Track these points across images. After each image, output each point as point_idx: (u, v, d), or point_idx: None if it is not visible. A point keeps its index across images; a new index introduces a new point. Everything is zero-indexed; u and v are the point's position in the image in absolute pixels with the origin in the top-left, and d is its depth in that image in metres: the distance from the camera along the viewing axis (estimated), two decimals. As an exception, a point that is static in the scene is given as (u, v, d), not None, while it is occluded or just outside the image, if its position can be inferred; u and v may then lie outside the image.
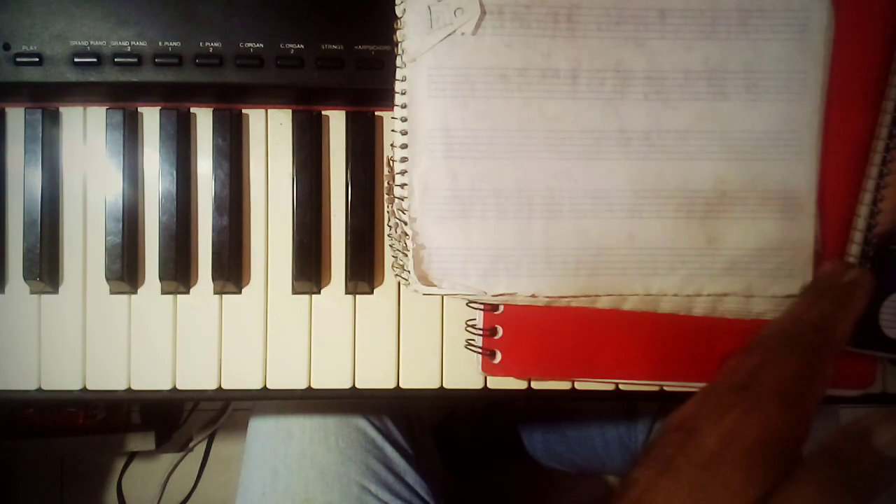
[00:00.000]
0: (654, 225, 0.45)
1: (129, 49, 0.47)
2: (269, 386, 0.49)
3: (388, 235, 0.48)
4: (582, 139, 0.45)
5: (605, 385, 0.49)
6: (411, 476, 0.62)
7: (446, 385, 0.50)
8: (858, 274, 0.40)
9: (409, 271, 0.46)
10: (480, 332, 0.48)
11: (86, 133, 0.50)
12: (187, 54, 0.47)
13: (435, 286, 0.46)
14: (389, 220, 0.47)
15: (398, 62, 0.46)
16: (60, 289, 0.49)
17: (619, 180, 0.45)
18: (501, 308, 0.48)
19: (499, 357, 0.48)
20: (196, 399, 0.87)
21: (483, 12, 0.44)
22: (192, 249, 0.50)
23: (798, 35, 0.45)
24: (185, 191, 0.49)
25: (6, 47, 0.46)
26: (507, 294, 0.46)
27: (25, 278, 0.48)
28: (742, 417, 0.32)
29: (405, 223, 0.46)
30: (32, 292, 0.49)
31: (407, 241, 0.46)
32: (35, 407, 1.03)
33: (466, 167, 0.45)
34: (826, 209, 0.46)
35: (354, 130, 0.50)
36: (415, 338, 0.50)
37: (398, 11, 0.45)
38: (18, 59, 0.46)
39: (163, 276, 0.49)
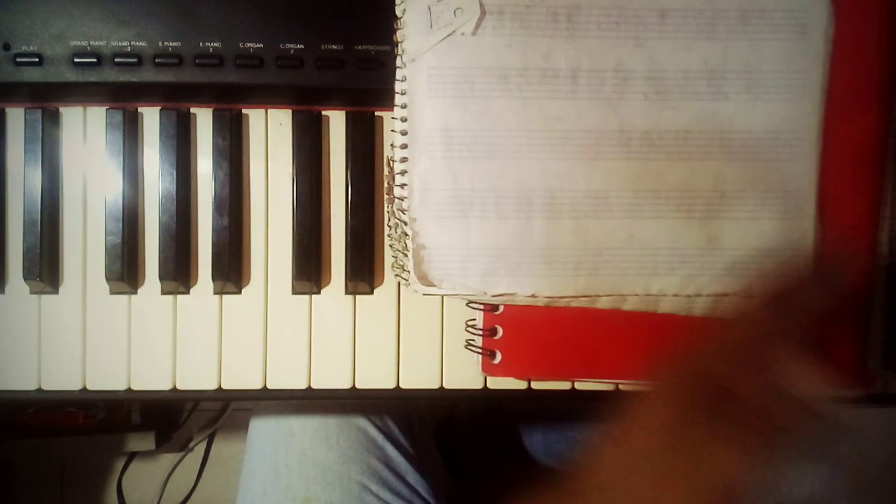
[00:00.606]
0: (654, 225, 0.45)
1: (129, 49, 0.47)
2: (269, 386, 0.49)
3: (388, 235, 0.48)
4: (582, 139, 0.45)
5: (605, 385, 0.49)
6: (412, 475, 0.62)
7: (446, 385, 0.50)
8: None
9: (409, 271, 0.46)
10: (480, 333, 0.48)
11: (86, 133, 0.50)
12: (187, 54, 0.47)
13: (435, 286, 0.46)
14: (389, 220, 0.47)
15: (398, 62, 0.46)
16: (60, 289, 0.49)
17: (619, 180, 0.45)
18: (501, 308, 0.48)
19: (499, 357, 0.48)
20: (196, 399, 0.87)
21: (483, 12, 0.44)
22: (192, 249, 0.50)
23: (798, 35, 0.45)
24: (185, 191, 0.49)
25: (6, 47, 0.46)
26: (507, 294, 0.46)
27: (25, 278, 0.48)
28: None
29: (405, 223, 0.46)
30: (32, 292, 0.49)
31: (407, 241, 0.46)
32: (35, 407, 1.03)
33: (466, 167, 0.45)
34: (838, 211, 0.46)
35: (354, 130, 0.50)
36: (415, 338, 0.50)
37: (398, 11, 0.45)
38: (18, 59, 0.46)
39: (163, 276, 0.49)
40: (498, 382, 0.50)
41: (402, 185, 0.46)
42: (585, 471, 0.35)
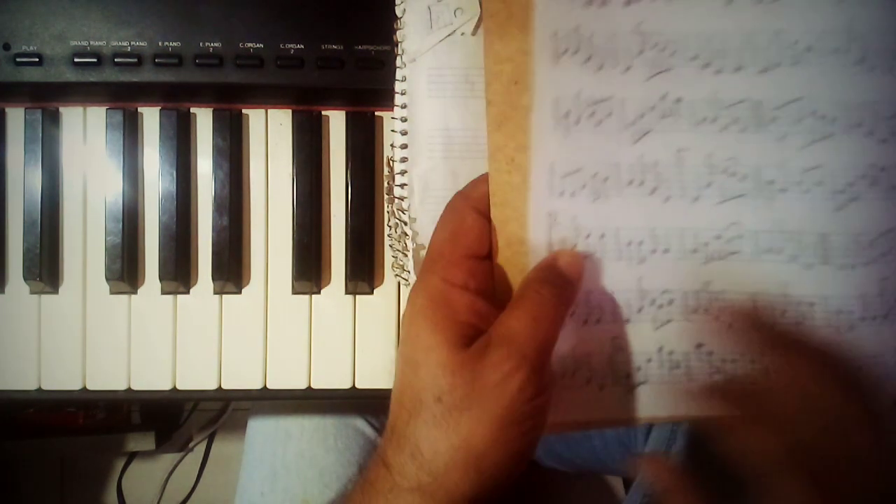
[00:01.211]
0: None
1: (129, 49, 0.47)
2: (269, 386, 0.49)
3: (388, 235, 0.48)
4: None
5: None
6: (411, 476, 0.62)
7: (446, 385, 0.50)
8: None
9: (409, 271, 0.46)
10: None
11: (86, 133, 0.50)
12: (187, 54, 0.47)
13: (435, 286, 0.46)
14: (389, 220, 0.47)
15: (398, 62, 0.46)
16: (60, 289, 0.49)
17: None
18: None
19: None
20: (196, 399, 0.87)
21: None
22: (192, 249, 0.50)
23: None
24: (185, 191, 0.49)
25: (6, 47, 0.46)
26: None
27: (25, 278, 0.48)
28: None
29: (405, 223, 0.46)
30: (32, 292, 0.49)
31: (407, 241, 0.46)
32: (35, 407, 1.03)
33: (466, 167, 0.45)
34: None
35: (354, 130, 0.50)
36: (415, 338, 0.50)
37: (398, 11, 0.45)
38: (18, 59, 0.46)
39: (163, 276, 0.49)
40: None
41: (402, 185, 0.46)
42: None
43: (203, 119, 0.50)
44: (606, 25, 0.34)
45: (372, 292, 0.50)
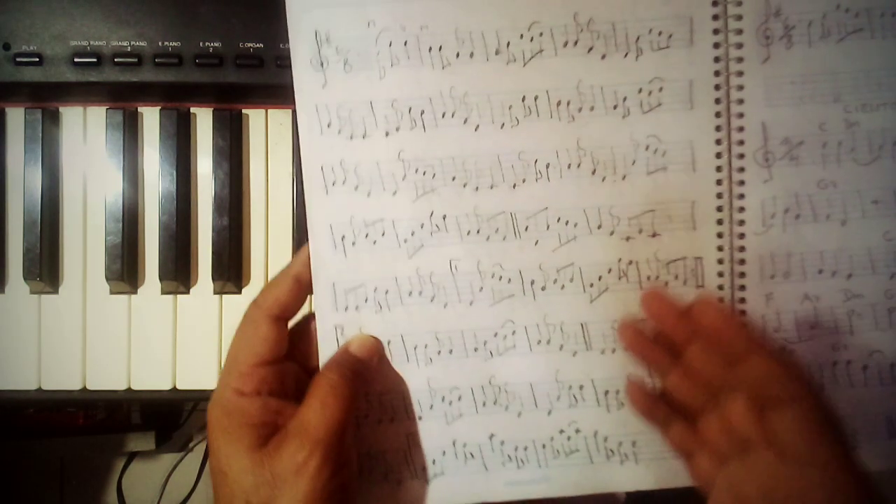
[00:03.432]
0: None
1: (129, 49, 0.47)
2: (269, 386, 0.49)
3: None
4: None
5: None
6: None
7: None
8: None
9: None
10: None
11: (86, 133, 0.50)
12: (187, 54, 0.47)
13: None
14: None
15: None
16: (60, 289, 0.49)
17: None
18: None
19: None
20: (196, 399, 0.87)
21: None
22: (192, 249, 0.50)
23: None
24: (185, 191, 0.49)
25: (6, 47, 0.46)
26: None
27: (25, 278, 0.48)
28: None
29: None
30: (32, 292, 0.49)
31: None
32: (35, 407, 1.03)
33: None
34: None
35: (354, 130, 0.50)
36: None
37: None
38: (18, 59, 0.46)
39: (163, 276, 0.49)
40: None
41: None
42: None
43: (203, 119, 0.50)
44: (370, 156, 0.38)
45: (372, 292, 0.50)
